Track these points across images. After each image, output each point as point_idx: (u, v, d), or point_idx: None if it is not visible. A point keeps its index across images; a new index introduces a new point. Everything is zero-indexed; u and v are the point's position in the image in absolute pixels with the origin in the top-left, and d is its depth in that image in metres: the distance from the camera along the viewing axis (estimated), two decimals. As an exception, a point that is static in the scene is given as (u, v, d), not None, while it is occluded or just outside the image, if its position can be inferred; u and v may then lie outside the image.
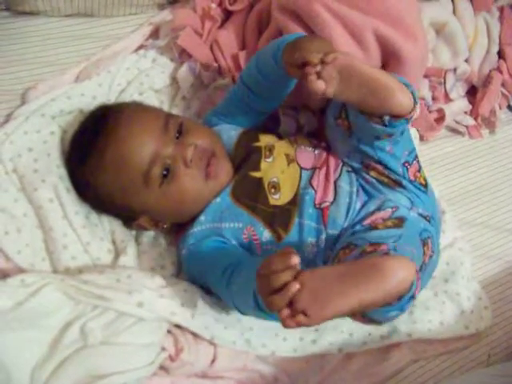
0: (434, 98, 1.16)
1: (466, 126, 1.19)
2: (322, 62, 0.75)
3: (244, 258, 0.84)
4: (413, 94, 0.78)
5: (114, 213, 0.95)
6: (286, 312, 0.65)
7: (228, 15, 1.12)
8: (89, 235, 0.92)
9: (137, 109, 0.92)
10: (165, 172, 0.86)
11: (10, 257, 0.89)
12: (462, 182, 1.17)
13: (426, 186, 0.93)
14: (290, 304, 0.65)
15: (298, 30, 0.95)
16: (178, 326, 0.87)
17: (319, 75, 0.75)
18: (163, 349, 0.85)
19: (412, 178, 0.90)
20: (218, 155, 0.90)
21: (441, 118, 1.15)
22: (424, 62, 1.00)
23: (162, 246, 0.96)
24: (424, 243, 0.85)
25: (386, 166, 0.88)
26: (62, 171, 0.94)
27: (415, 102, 0.78)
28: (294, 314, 0.64)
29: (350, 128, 0.86)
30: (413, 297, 0.68)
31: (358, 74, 0.75)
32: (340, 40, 0.93)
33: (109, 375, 0.79)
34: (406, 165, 0.89)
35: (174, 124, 0.89)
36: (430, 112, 1.14)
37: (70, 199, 0.93)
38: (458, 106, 1.17)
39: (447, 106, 1.15)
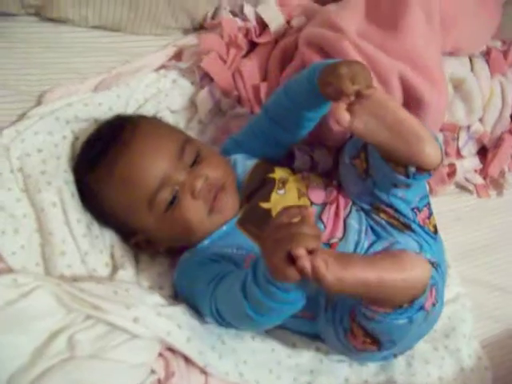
0: (446, 153, 1.16)
1: (475, 185, 1.20)
2: (358, 95, 0.73)
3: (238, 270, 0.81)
4: (440, 148, 0.77)
5: (115, 226, 0.92)
6: (303, 250, 0.60)
7: (252, 47, 1.13)
8: (88, 245, 0.89)
9: (155, 125, 0.91)
10: (172, 200, 0.84)
11: (4, 257, 0.86)
12: (468, 239, 1.16)
13: (435, 232, 0.92)
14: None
15: (323, 65, 0.96)
16: (170, 350, 0.83)
17: (350, 107, 0.74)
18: (153, 371, 0.81)
19: (421, 223, 0.89)
20: (227, 189, 0.87)
21: (451, 173, 1.15)
22: (444, 114, 1.00)
23: (162, 267, 0.93)
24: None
25: (396, 210, 0.88)
26: (69, 176, 0.92)
27: (442, 157, 0.77)
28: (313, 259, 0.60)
29: (366, 170, 0.85)
30: (423, 308, 0.66)
31: (391, 114, 0.73)
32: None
33: (94, 391, 0.74)
34: (416, 210, 0.88)
35: (191, 151, 0.87)
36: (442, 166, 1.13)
37: (74, 206, 0.90)
38: (469, 163, 1.17)
39: (459, 162, 1.16)
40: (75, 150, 0.95)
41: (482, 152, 1.22)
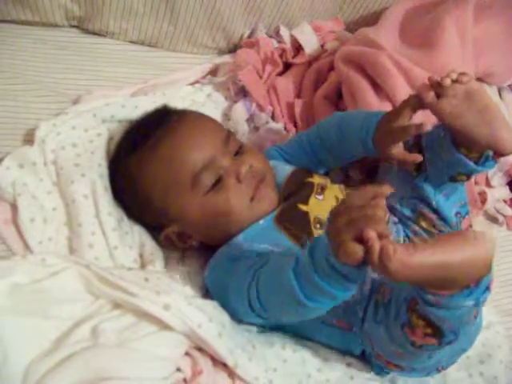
0: (475, 182, 1.15)
1: (505, 216, 1.18)
2: (455, 81, 0.75)
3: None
4: None
5: (146, 217, 0.89)
6: (374, 233, 0.58)
7: (286, 69, 1.15)
8: (117, 239, 0.87)
9: (201, 116, 0.93)
10: (216, 181, 0.83)
11: (30, 245, 0.83)
12: (497, 270, 1.12)
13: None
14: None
15: (360, 80, 0.98)
16: (197, 349, 0.78)
17: (444, 93, 0.75)
18: (178, 370, 0.76)
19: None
20: (267, 182, 0.88)
21: (483, 201, 1.14)
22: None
23: (192, 267, 0.89)
24: None
25: (439, 216, 0.86)
26: (104, 170, 0.91)
27: None
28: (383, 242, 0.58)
29: (419, 166, 0.85)
30: (488, 289, 0.64)
31: (482, 103, 0.75)
32: (400, 90, 0.95)
33: (118, 379, 0.69)
34: (459, 215, 0.87)
35: (235, 141, 0.89)
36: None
37: (106, 199, 0.88)
38: (499, 192, 1.16)
39: (489, 190, 1.14)
40: (110, 147, 0.94)
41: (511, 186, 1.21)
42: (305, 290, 0.67)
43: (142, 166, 0.85)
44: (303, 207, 0.87)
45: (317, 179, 0.92)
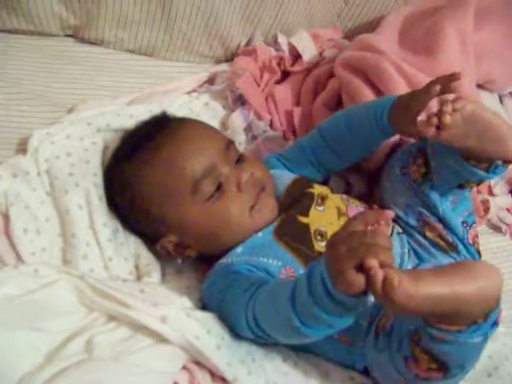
0: (477, 191, 1.14)
1: (508, 225, 1.16)
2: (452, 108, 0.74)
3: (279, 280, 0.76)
4: None
5: (143, 227, 0.86)
6: (376, 262, 0.56)
7: (284, 77, 1.13)
8: (113, 251, 0.84)
9: (201, 123, 0.91)
10: (217, 188, 0.81)
11: (22, 256, 0.80)
12: (503, 280, 1.10)
13: (480, 256, 0.88)
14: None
15: (361, 85, 0.96)
16: (195, 363, 0.75)
17: (444, 127, 0.73)
18: (175, 384, 0.73)
19: (471, 241, 0.85)
20: (267, 191, 0.86)
21: (486, 210, 1.12)
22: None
23: (189, 281, 0.87)
24: None
25: (445, 225, 0.84)
26: (98, 180, 0.89)
27: None
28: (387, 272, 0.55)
29: (425, 174, 0.84)
30: (496, 323, 0.61)
31: (483, 122, 0.75)
32: (402, 95, 0.93)
33: (113, 395, 0.67)
34: (465, 225, 0.85)
35: (235, 150, 0.87)
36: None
37: (101, 209, 0.86)
38: (501, 200, 1.14)
39: (492, 199, 1.13)
40: (105, 156, 0.92)
41: (514, 194, 1.19)
42: (301, 317, 0.64)
43: (141, 171, 0.83)
44: (304, 219, 0.85)
45: (317, 189, 0.90)
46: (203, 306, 0.83)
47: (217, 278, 0.81)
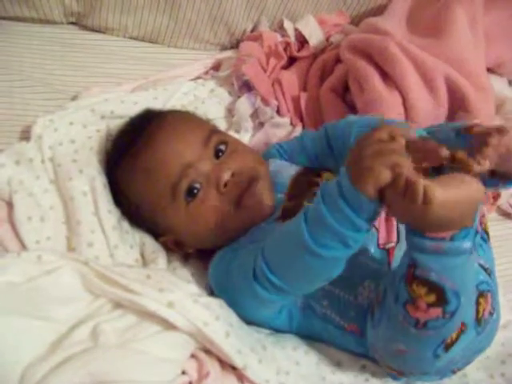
0: (488, 177, 1.12)
1: (518, 212, 1.14)
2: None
3: None
4: None
5: (142, 227, 0.86)
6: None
7: (291, 62, 1.12)
8: (118, 238, 0.83)
9: (183, 117, 0.88)
10: (195, 191, 0.79)
11: (26, 245, 0.79)
12: (509, 268, 1.08)
13: (488, 237, 0.86)
14: None
15: (367, 68, 0.95)
16: (204, 351, 0.74)
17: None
18: (184, 373, 0.72)
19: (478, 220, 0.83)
20: (258, 182, 0.81)
21: (496, 196, 1.10)
22: (492, 121, 0.97)
23: (196, 267, 0.85)
24: (481, 295, 0.75)
25: None
26: (102, 167, 0.87)
27: None
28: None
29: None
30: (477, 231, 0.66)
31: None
32: (410, 79, 0.92)
33: (120, 383, 0.65)
34: None
35: (217, 140, 0.82)
36: (486, 186, 1.09)
37: (106, 196, 0.84)
38: (512, 187, 1.12)
39: (503, 185, 1.11)
40: (109, 144, 0.90)
41: (524, 180, 1.17)
42: (313, 233, 0.64)
43: (127, 180, 0.83)
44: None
45: (325, 178, 0.86)
46: (211, 293, 0.82)
47: (221, 256, 0.80)
